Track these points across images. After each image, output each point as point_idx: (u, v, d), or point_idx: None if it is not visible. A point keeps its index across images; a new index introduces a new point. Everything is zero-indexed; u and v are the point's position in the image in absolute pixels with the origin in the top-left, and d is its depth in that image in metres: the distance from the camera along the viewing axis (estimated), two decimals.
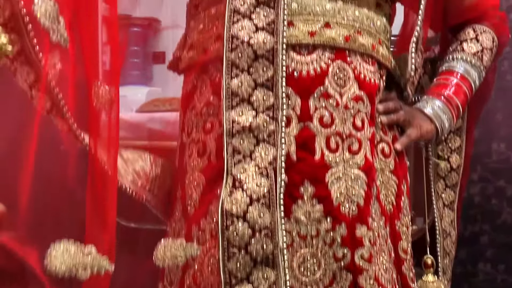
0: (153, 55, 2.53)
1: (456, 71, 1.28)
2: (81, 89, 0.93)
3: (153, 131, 1.86)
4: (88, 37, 0.93)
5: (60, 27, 0.87)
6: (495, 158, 2.03)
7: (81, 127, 0.97)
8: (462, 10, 1.33)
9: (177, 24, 1.30)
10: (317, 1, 1.04)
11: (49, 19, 0.85)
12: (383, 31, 1.13)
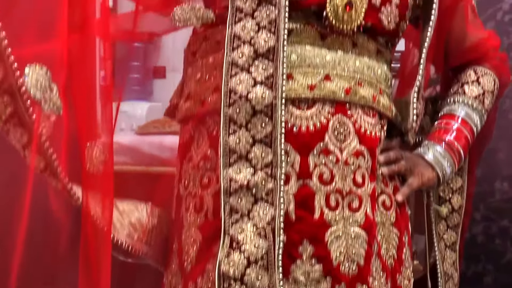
0: (154, 70, 2.52)
1: (457, 115, 1.27)
2: (76, 145, 0.91)
3: (152, 156, 1.85)
4: (83, 99, 0.91)
5: (53, 95, 0.86)
6: (498, 197, 2.02)
7: (75, 181, 0.96)
8: (463, 52, 1.31)
9: (177, 38, 1.26)
10: (316, 53, 1.03)
11: (40, 89, 0.84)
12: (384, 79, 1.12)
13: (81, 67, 0.88)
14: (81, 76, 0.89)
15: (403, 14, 1.11)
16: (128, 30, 1.11)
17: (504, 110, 1.76)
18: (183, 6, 1.04)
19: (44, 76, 0.85)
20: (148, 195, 1.19)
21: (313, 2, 1.02)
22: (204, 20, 1.04)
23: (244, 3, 0.99)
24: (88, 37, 0.88)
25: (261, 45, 0.97)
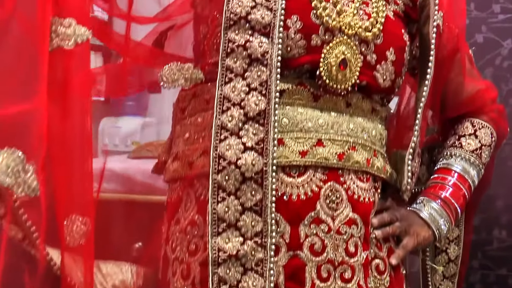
0: (149, 85, 2.48)
1: (453, 170, 1.23)
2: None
3: (144, 184, 1.83)
4: (62, 174, 0.87)
5: (27, 178, 0.82)
6: (496, 246, 1.98)
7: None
8: (460, 104, 1.29)
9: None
10: (309, 115, 1.00)
11: (12, 175, 0.80)
12: (379, 140, 1.09)
13: (62, 139, 0.84)
14: (62, 149, 0.85)
15: (399, 71, 1.09)
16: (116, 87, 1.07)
17: (503, 158, 1.74)
18: (171, 66, 1.01)
19: (16, 160, 0.81)
20: (138, 224, 1.16)
21: (306, 61, 1.00)
22: (193, 81, 1.01)
23: (234, 63, 0.96)
24: (70, 102, 0.84)
25: (252, 108, 0.94)
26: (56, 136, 0.82)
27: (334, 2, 1.02)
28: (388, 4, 1.11)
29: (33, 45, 0.77)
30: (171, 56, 1.19)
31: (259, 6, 0.96)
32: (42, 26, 0.77)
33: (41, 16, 0.77)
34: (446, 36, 1.19)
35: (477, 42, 1.87)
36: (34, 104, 0.81)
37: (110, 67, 1.14)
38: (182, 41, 1.22)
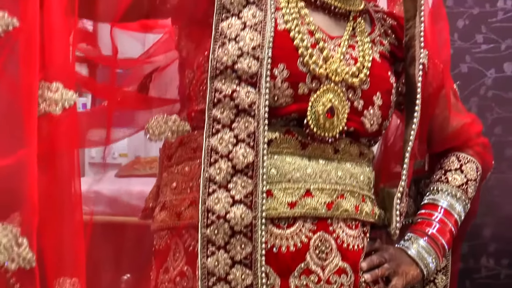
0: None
1: (440, 206, 1.23)
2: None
3: (131, 206, 1.81)
4: (51, 239, 0.84)
5: (22, 251, 0.79)
6: (484, 274, 1.98)
7: None
8: (446, 138, 1.29)
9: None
10: (297, 165, 0.99)
11: (4, 251, 0.77)
12: (367, 184, 1.09)
13: (50, 203, 0.82)
14: (51, 214, 0.83)
15: (386, 115, 1.09)
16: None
17: (490, 187, 1.75)
18: (157, 119, 1.00)
19: (9, 235, 0.78)
20: (126, 248, 1.15)
21: (293, 110, 0.99)
22: (179, 133, 1.00)
23: (221, 113, 0.95)
24: (58, 166, 0.83)
25: (240, 160, 0.93)
26: (45, 200, 0.80)
27: (320, 48, 1.01)
28: (374, 45, 1.12)
29: (20, 110, 0.75)
30: (156, 99, 1.19)
31: (246, 55, 0.95)
32: (29, 92, 0.76)
33: (27, 82, 0.75)
34: (432, 73, 1.20)
35: (461, 72, 1.88)
36: (22, 159, 0.80)
37: (96, 111, 1.12)
38: (166, 81, 1.21)
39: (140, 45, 1.27)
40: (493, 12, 1.88)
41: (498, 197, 1.88)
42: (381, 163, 1.29)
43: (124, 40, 1.14)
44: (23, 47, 0.75)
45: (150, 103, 1.17)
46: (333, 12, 1.08)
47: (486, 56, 1.86)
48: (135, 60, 1.19)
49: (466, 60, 1.88)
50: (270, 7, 0.98)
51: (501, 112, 1.88)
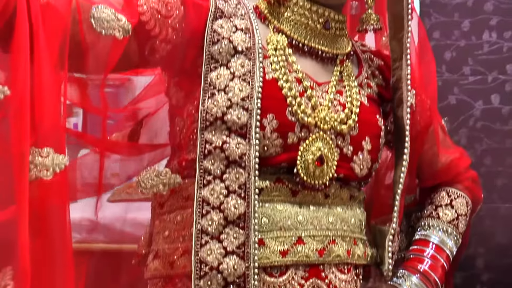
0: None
1: (431, 242, 1.23)
2: None
3: (125, 233, 1.79)
4: None
5: None
6: None
7: None
8: (435, 174, 1.30)
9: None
10: (288, 213, 1.00)
11: None
12: (359, 226, 1.09)
13: (41, 269, 0.81)
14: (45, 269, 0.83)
15: (375, 158, 1.10)
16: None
17: (481, 217, 1.75)
18: (149, 172, 1.00)
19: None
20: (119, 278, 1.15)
21: (283, 159, 1.00)
22: (171, 186, 1.00)
23: (212, 165, 0.96)
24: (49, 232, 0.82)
25: (232, 211, 0.94)
26: (38, 259, 0.80)
27: (308, 96, 1.02)
28: (362, 89, 1.13)
29: (11, 177, 0.76)
30: (146, 146, 1.19)
31: (235, 106, 0.96)
32: (20, 160, 0.76)
33: (18, 150, 0.76)
34: (419, 110, 1.21)
35: (450, 103, 1.90)
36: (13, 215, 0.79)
37: (87, 160, 1.12)
38: (157, 127, 1.21)
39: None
40: (479, 44, 1.90)
41: (489, 227, 1.89)
42: (372, 194, 1.29)
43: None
44: (14, 115, 0.76)
45: (140, 149, 1.18)
46: (320, 57, 1.09)
47: (474, 88, 1.88)
48: (125, 108, 1.20)
49: (455, 91, 1.90)
50: (258, 56, 1.00)
51: (490, 143, 1.90)
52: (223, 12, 1.02)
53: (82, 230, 1.40)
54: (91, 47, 0.87)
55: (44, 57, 0.80)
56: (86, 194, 1.10)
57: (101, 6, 0.88)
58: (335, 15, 1.08)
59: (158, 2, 0.95)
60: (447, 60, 1.90)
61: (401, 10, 1.16)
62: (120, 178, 1.18)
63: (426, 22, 1.90)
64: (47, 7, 0.81)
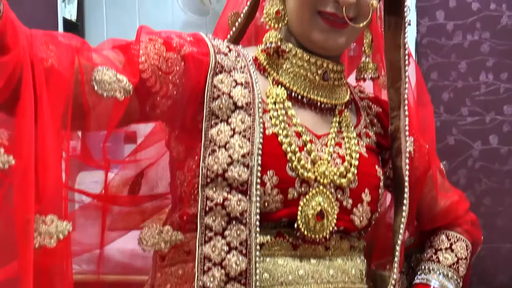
0: (124, 135, 2.43)
1: (432, 286, 1.23)
2: None
3: (123, 264, 1.78)
4: None
5: None
6: None
7: None
8: (434, 217, 1.30)
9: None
10: (289, 268, 1.00)
11: None
12: (359, 275, 1.09)
13: None
14: None
15: (375, 208, 1.10)
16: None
17: (482, 257, 1.74)
18: (151, 229, 1.00)
19: None
20: None
21: (283, 215, 1.00)
22: (172, 243, 1.00)
23: (213, 221, 0.96)
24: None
25: (233, 268, 0.94)
26: None
27: (308, 151, 1.03)
28: (361, 139, 1.14)
29: (15, 245, 0.76)
30: (147, 197, 1.20)
31: (236, 163, 0.96)
32: (25, 229, 0.77)
33: (23, 218, 0.76)
34: (418, 156, 1.21)
35: (449, 144, 1.91)
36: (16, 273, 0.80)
37: (88, 212, 1.13)
38: (158, 177, 1.22)
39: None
40: (476, 85, 1.92)
41: (490, 267, 1.89)
42: (372, 234, 1.29)
43: None
44: (18, 184, 0.76)
45: (141, 201, 1.19)
46: (319, 108, 1.10)
47: (472, 129, 1.90)
48: (126, 160, 1.20)
49: (453, 132, 1.92)
50: (258, 111, 1.00)
51: (489, 183, 1.91)
52: (223, 66, 1.02)
53: (80, 261, 1.40)
54: (93, 108, 0.88)
55: (48, 120, 0.81)
56: (88, 249, 1.10)
57: (102, 68, 0.89)
58: (333, 65, 1.09)
59: (159, 58, 0.96)
60: (445, 101, 1.92)
61: (398, 60, 1.17)
62: (120, 231, 1.17)
63: (423, 63, 1.93)
64: (51, 71, 0.82)
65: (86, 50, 0.90)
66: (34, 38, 0.82)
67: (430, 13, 1.95)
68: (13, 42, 0.76)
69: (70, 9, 3.30)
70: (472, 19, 1.93)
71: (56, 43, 0.85)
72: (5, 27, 0.75)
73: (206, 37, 1.06)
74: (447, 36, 1.95)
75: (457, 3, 1.95)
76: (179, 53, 0.98)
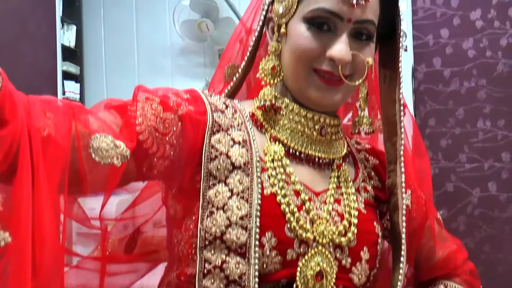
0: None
1: None
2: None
3: None
4: None
5: None
6: None
7: None
8: (432, 268, 1.28)
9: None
10: None
11: None
12: None
13: None
14: None
15: (373, 265, 1.09)
16: None
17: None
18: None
19: None
20: None
21: (282, 276, 0.99)
22: None
23: (211, 284, 0.95)
24: None
25: None
26: None
27: (307, 210, 1.02)
28: (359, 194, 1.13)
29: None
30: (144, 255, 1.19)
31: (234, 225, 0.96)
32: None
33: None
34: (415, 208, 1.20)
35: (447, 191, 1.91)
36: None
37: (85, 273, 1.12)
38: (153, 231, 1.21)
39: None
40: (474, 132, 1.93)
41: None
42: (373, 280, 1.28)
43: None
44: (14, 263, 0.75)
45: (137, 259, 1.18)
46: (318, 163, 1.10)
47: (471, 175, 1.90)
48: (122, 218, 1.20)
49: (452, 179, 1.91)
50: (256, 170, 1.00)
51: (488, 230, 1.90)
52: (220, 125, 1.02)
53: None
54: (89, 174, 0.87)
55: (45, 190, 0.80)
56: None
57: (99, 136, 0.88)
58: (330, 120, 1.10)
59: (156, 119, 0.96)
60: (443, 148, 1.92)
61: (394, 114, 1.17)
62: None
63: (421, 109, 1.94)
64: (48, 140, 0.82)
65: (83, 114, 0.89)
66: (32, 106, 0.81)
67: (427, 60, 1.97)
68: (11, 114, 0.76)
69: (69, 36, 3.36)
70: (469, 66, 1.95)
71: (53, 109, 0.85)
72: (4, 100, 0.75)
73: (203, 94, 1.06)
74: (444, 83, 1.96)
75: (454, 50, 1.97)
76: (176, 113, 0.98)
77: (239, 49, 1.23)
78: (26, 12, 2.82)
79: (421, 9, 1.98)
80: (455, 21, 1.96)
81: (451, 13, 1.97)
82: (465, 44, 1.94)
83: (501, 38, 1.90)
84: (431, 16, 1.97)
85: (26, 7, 2.79)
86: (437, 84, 1.97)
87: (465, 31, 1.97)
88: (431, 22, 1.97)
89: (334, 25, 1.03)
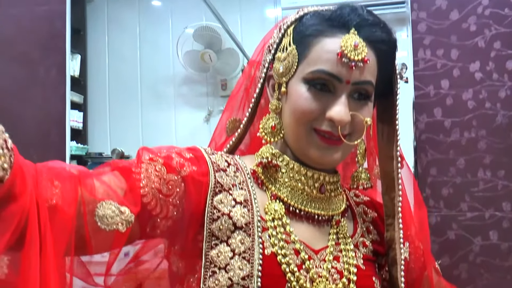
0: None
1: None
2: None
3: None
4: None
5: None
6: None
7: None
8: None
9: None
10: None
11: None
12: None
13: None
14: None
15: None
16: None
17: None
18: None
19: None
20: None
21: None
22: None
23: None
24: None
25: None
26: None
27: (306, 268, 1.04)
28: (358, 250, 1.15)
29: None
30: None
31: (236, 286, 0.98)
32: None
33: None
34: (413, 258, 1.22)
35: (449, 238, 1.92)
36: None
37: None
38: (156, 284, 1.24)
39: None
40: (475, 182, 1.95)
41: None
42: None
43: None
44: None
45: None
46: (317, 221, 1.12)
47: (472, 224, 1.92)
48: (126, 271, 1.22)
49: (453, 227, 1.93)
50: (257, 231, 1.02)
51: (490, 278, 1.91)
52: (222, 185, 1.05)
53: None
54: (94, 239, 0.90)
55: (51, 256, 0.82)
56: None
57: (105, 204, 0.91)
58: (329, 178, 1.12)
59: (160, 180, 0.98)
60: (444, 196, 1.94)
61: (392, 171, 1.20)
62: None
63: (422, 158, 1.97)
64: (54, 210, 0.84)
65: (89, 178, 0.92)
66: (39, 176, 0.84)
67: (428, 110, 2.00)
68: (21, 190, 0.79)
69: (74, 66, 3.33)
70: (469, 117, 1.98)
71: (60, 177, 0.88)
72: (15, 177, 0.77)
73: (205, 152, 1.09)
74: (445, 133, 1.99)
75: (454, 100, 2.00)
76: (179, 174, 1.01)
77: (242, 98, 1.25)
78: (35, 57, 2.89)
79: (422, 60, 2.02)
80: (455, 73, 2.00)
81: (451, 65, 2.01)
82: (465, 95, 1.98)
83: (500, 90, 1.94)
84: (431, 67, 2.00)
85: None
86: (438, 134, 2.00)
87: (464, 82, 2.00)
88: (432, 73, 2.01)
89: (333, 86, 1.06)
